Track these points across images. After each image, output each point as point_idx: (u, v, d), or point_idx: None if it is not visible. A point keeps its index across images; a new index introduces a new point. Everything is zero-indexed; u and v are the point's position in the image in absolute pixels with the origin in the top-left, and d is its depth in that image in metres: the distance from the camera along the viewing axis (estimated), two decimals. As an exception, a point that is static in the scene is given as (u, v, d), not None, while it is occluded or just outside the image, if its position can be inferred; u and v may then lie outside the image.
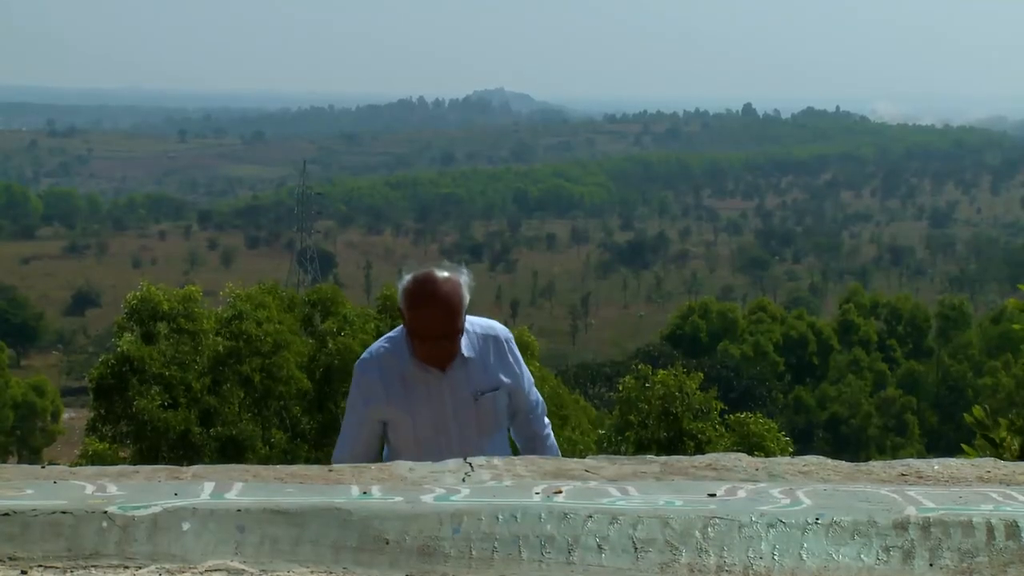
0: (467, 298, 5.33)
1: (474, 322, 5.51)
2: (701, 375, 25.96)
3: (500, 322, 5.69)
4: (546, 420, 5.85)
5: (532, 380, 5.79)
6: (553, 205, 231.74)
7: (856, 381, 68.06)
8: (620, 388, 26.12)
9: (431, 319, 5.21)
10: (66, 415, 72.91)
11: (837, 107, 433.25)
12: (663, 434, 24.68)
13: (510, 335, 5.64)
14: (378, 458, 5.50)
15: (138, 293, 29.44)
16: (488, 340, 5.50)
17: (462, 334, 5.33)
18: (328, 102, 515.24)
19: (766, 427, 27.04)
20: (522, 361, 5.68)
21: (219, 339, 30.62)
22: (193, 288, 30.88)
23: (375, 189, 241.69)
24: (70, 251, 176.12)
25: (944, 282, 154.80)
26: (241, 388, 30.83)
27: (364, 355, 5.57)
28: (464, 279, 5.35)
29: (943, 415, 66.55)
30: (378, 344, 5.54)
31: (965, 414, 6.56)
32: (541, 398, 5.84)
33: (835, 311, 78.75)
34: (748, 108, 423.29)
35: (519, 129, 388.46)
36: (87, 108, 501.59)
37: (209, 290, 35.84)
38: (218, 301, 34.31)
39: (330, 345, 32.46)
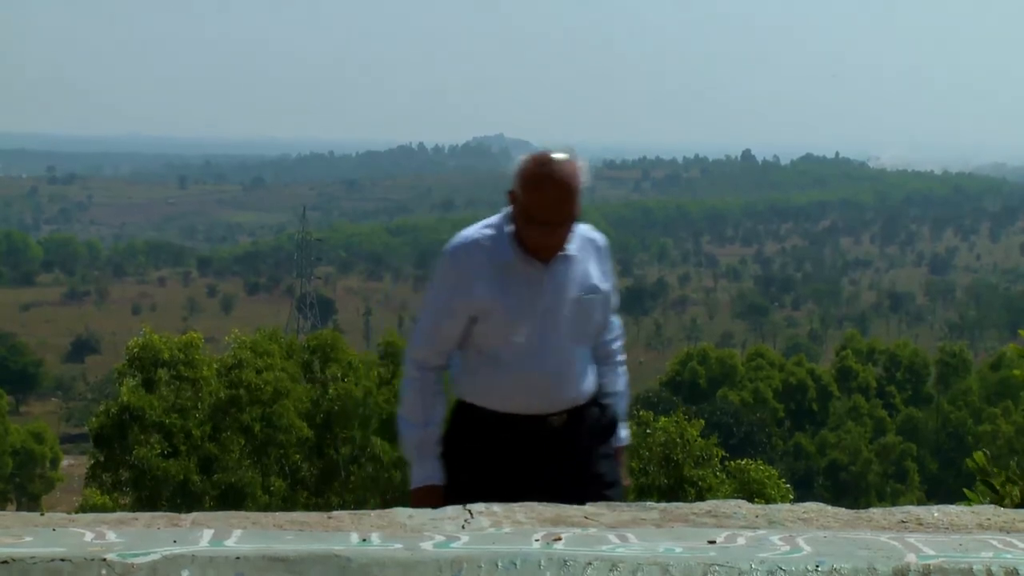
0: (585, 179, 4.92)
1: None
2: (702, 422, 25.98)
3: None
4: (622, 348, 5.48)
5: (618, 302, 5.43)
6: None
7: (856, 428, 67.96)
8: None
9: (551, 201, 4.83)
10: (65, 462, 72.80)
11: (836, 153, 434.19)
12: (663, 481, 24.66)
13: (607, 243, 5.28)
14: (446, 364, 5.17)
15: (140, 340, 29.47)
16: (589, 242, 5.15)
17: (576, 223, 4.98)
18: (328, 148, 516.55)
19: (766, 474, 27.04)
20: (613, 274, 5.33)
21: (220, 386, 30.65)
22: (195, 335, 30.92)
23: (375, 235, 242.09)
24: (70, 297, 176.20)
25: (943, 328, 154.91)
26: (241, 436, 30.84)
27: (456, 240, 5.07)
28: (581, 164, 4.91)
29: (943, 462, 66.47)
30: (475, 229, 5.06)
31: (967, 459, 6.55)
32: (620, 323, 5.48)
33: (834, 357, 78.71)
34: (747, 154, 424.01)
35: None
36: (87, 155, 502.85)
37: (209, 336, 35.86)
38: (218, 347, 34.37)
39: (331, 391, 32.47)
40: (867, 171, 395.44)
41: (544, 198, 4.80)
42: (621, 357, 5.43)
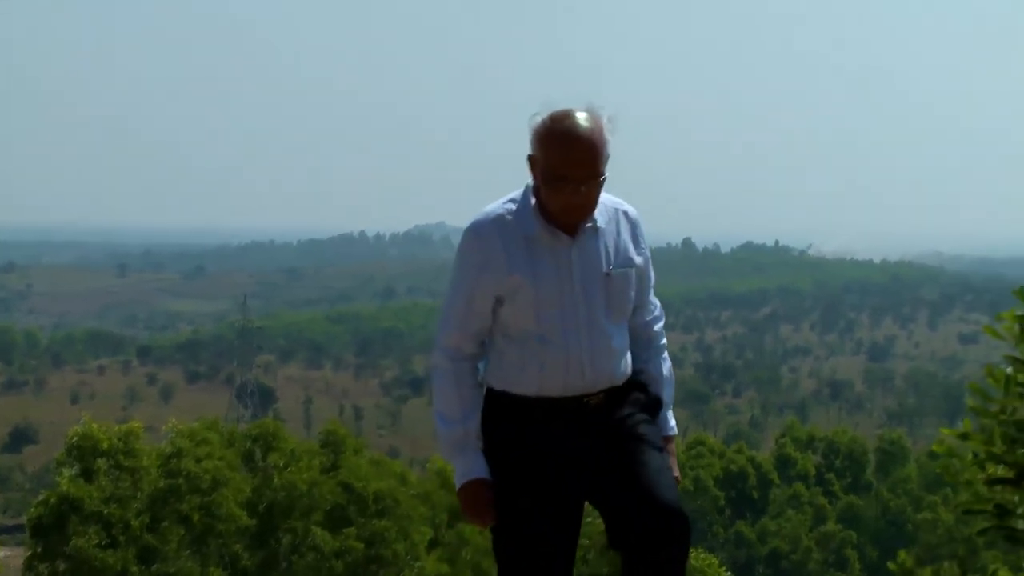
0: (609, 136, 4.66)
1: (602, 193, 4.82)
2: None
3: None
4: (663, 331, 5.20)
5: (654, 280, 5.15)
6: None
7: (796, 515, 68.00)
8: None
9: (572, 156, 4.56)
10: (1, 554, 71.97)
11: (776, 241, 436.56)
12: (605, 569, 24.67)
13: (640, 216, 5.04)
14: (481, 353, 4.93)
15: (79, 429, 29.34)
16: (620, 213, 4.92)
17: (603, 183, 4.69)
18: (269, 236, 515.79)
19: (707, 562, 27.11)
20: (648, 249, 5.08)
21: (159, 476, 30.53)
22: (135, 424, 30.82)
23: (315, 323, 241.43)
24: (8, 387, 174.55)
25: (882, 416, 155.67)
26: (180, 526, 30.67)
27: (479, 216, 4.83)
28: (606, 122, 4.65)
29: (883, 550, 66.50)
30: (497, 203, 4.84)
31: (889, 563, 6.68)
32: (659, 303, 5.18)
33: (774, 445, 78.97)
34: (688, 242, 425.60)
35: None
36: (27, 244, 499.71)
37: (149, 426, 35.75)
38: (158, 437, 34.21)
39: (275, 480, 32.41)
40: (807, 259, 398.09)
41: (565, 153, 4.57)
42: (663, 341, 5.17)
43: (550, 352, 4.72)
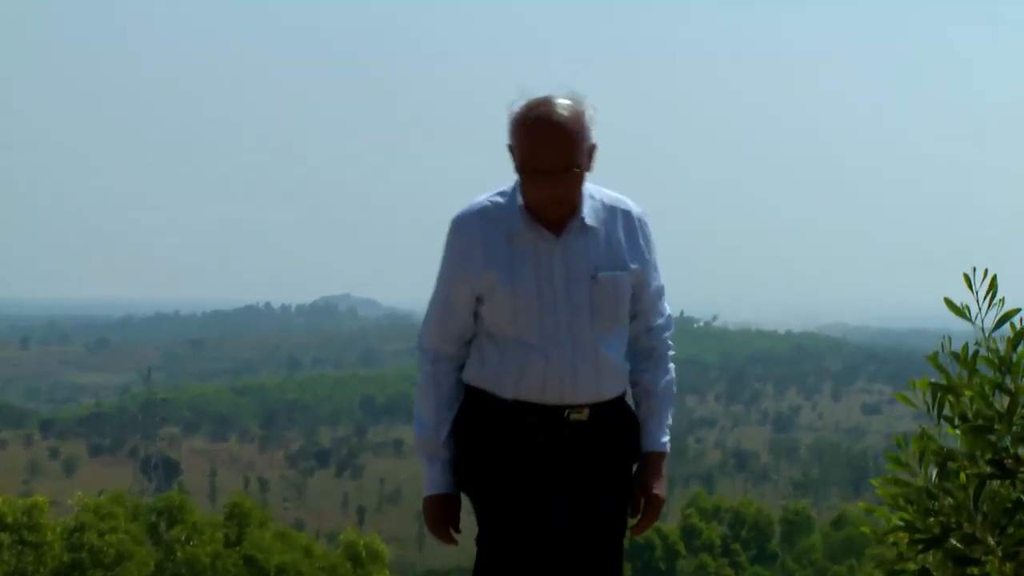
0: (590, 131, 4.40)
1: (601, 191, 4.61)
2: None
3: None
4: (671, 343, 4.84)
5: (663, 286, 4.78)
6: (401, 410, 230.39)
7: (703, 586, 68.31)
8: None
9: (545, 144, 4.30)
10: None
11: (681, 312, 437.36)
12: None
13: (646, 217, 4.69)
14: (464, 354, 4.68)
15: (-19, 503, 29.08)
16: (616, 212, 4.59)
17: (584, 173, 4.41)
18: (174, 308, 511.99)
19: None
20: (656, 253, 4.73)
21: (63, 550, 30.28)
22: (39, 499, 30.57)
23: (221, 395, 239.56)
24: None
25: (788, 486, 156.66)
26: (84, 600, 30.40)
27: (464, 209, 4.58)
28: (589, 112, 4.39)
29: (789, 619, 66.99)
30: (484, 196, 4.59)
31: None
32: (670, 313, 4.83)
33: (680, 516, 79.25)
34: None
35: (366, 334, 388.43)
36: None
37: (52, 499, 35.41)
38: (61, 511, 33.98)
39: (178, 554, 32.23)
40: (711, 330, 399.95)
41: (536, 142, 4.32)
42: (667, 351, 4.79)
43: (528, 357, 4.44)
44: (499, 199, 4.52)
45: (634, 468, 4.69)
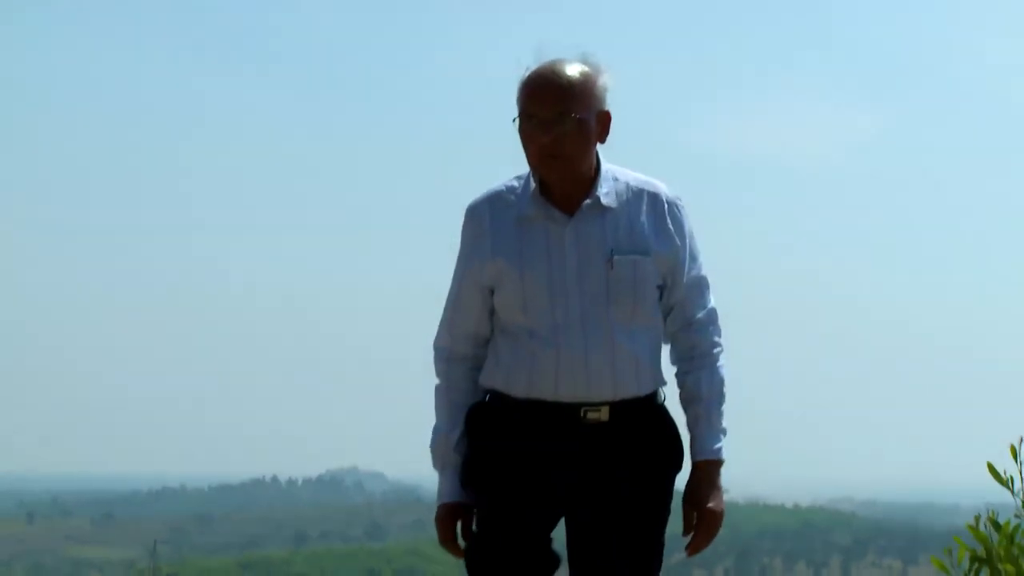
0: (601, 95, 4.07)
1: (629, 173, 4.22)
2: None
3: None
4: (717, 339, 4.28)
5: (705, 278, 4.28)
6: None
7: None
8: None
9: (542, 89, 4.01)
10: None
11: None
12: None
13: (680, 201, 4.22)
14: (481, 355, 4.30)
15: None
16: (643, 194, 4.17)
17: (587, 131, 4.04)
18: (180, 482, 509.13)
19: None
20: (694, 239, 4.25)
21: None
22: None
23: (227, 569, 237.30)
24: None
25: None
26: None
27: (477, 197, 4.27)
28: (604, 77, 4.07)
29: None
30: (501, 181, 4.26)
31: None
32: (714, 307, 4.29)
33: None
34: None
35: (373, 507, 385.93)
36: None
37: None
38: None
39: None
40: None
41: (534, 87, 4.04)
42: (712, 348, 4.27)
43: (539, 348, 4.07)
44: (515, 184, 4.22)
45: (675, 480, 4.28)
